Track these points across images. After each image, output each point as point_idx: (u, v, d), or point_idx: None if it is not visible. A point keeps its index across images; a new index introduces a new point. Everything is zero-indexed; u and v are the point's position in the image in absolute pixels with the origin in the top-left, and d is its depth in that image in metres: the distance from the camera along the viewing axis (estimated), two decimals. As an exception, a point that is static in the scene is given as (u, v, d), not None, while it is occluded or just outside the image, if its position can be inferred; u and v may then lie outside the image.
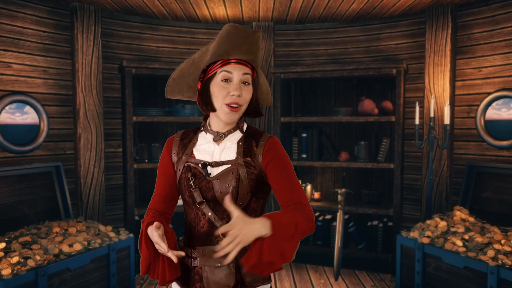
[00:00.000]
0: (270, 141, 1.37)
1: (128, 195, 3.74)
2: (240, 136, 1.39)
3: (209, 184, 1.33)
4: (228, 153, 1.36)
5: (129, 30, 4.02)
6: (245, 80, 1.32)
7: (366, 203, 3.99)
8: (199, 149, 1.39)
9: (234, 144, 1.38)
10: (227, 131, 1.38)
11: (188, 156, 1.39)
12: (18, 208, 3.17)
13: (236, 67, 1.31)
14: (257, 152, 1.35)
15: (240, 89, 1.30)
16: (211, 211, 1.33)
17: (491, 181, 3.38)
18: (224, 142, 1.38)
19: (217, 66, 1.32)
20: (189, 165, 1.37)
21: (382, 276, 3.77)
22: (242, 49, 1.30)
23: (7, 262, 2.49)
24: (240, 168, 1.33)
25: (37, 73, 3.50)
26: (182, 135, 1.45)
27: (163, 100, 4.21)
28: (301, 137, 4.09)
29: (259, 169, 1.34)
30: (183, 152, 1.40)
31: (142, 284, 3.60)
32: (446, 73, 3.65)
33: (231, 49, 1.29)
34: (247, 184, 1.32)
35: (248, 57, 1.32)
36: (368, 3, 3.61)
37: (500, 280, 2.54)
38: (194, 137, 1.43)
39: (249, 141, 1.38)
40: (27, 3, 3.42)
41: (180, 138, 1.44)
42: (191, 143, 1.41)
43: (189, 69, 1.38)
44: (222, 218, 1.33)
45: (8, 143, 3.28)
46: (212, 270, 1.34)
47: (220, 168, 1.34)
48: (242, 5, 3.68)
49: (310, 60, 4.31)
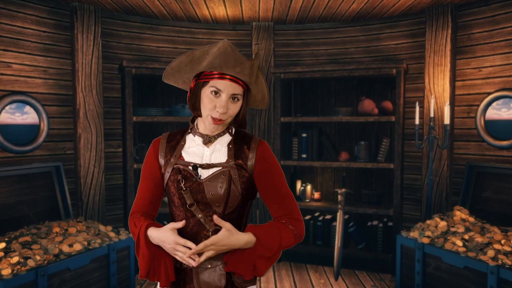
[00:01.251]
0: (261, 145, 1.39)
1: (128, 195, 3.74)
2: (229, 139, 1.40)
3: (200, 186, 1.34)
4: (218, 155, 1.37)
5: (129, 30, 4.02)
6: (235, 96, 1.32)
7: (366, 203, 3.99)
8: (188, 151, 1.40)
9: (224, 147, 1.39)
10: (217, 134, 1.39)
11: (177, 158, 1.38)
12: (18, 208, 3.17)
13: (228, 84, 1.30)
14: (249, 155, 1.37)
15: (226, 106, 1.31)
16: (201, 213, 1.34)
17: (491, 181, 3.38)
18: (213, 144, 1.39)
19: (211, 76, 1.32)
20: (179, 167, 1.36)
21: (382, 276, 3.77)
22: (236, 70, 1.30)
23: (7, 262, 2.49)
24: (232, 170, 1.34)
25: (37, 73, 3.50)
26: (169, 137, 1.45)
27: (163, 100, 4.21)
28: (301, 137, 4.09)
29: (251, 172, 1.36)
30: (171, 154, 1.40)
31: (142, 284, 3.60)
32: (446, 73, 3.65)
33: (225, 66, 1.29)
34: (239, 186, 1.34)
35: (241, 77, 1.31)
36: (368, 3, 3.61)
37: (500, 280, 2.54)
38: (182, 139, 1.42)
39: (239, 144, 1.39)
40: (27, 3, 3.42)
41: (167, 141, 1.43)
42: (179, 146, 1.41)
43: (187, 66, 1.37)
44: (212, 220, 1.34)
45: (8, 143, 3.28)
46: (203, 271, 1.34)
47: (211, 170, 1.35)
48: (242, 5, 3.68)
49: (310, 60, 4.31)
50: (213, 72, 1.31)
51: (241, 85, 1.33)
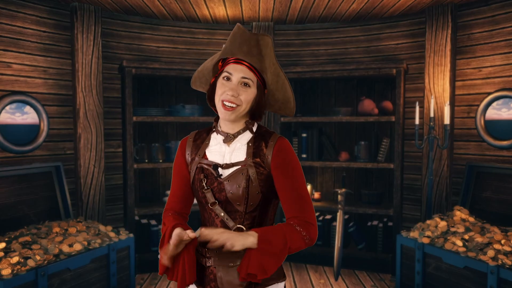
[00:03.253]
0: (279, 142, 1.37)
1: (128, 195, 3.74)
2: (250, 136, 1.40)
3: (221, 185, 1.35)
4: (238, 154, 1.38)
5: (129, 30, 4.02)
6: (245, 82, 1.33)
7: (366, 203, 3.99)
8: (211, 150, 1.41)
9: (244, 145, 1.39)
10: (237, 132, 1.39)
11: (201, 157, 1.41)
12: (18, 208, 3.17)
13: (237, 68, 1.32)
14: (267, 152, 1.36)
15: (236, 89, 1.32)
16: (224, 212, 1.35)
17: (491, 181, 3.38)
18: (234, 143, 1.39)
19: (225, 64, 1.35)
20: (202, 166, 1.39)
21: (382, 276, 3.77)
22: (243, 49, 1.31)
23: (7, 262, 2.49)
24: (250, 169, 1.34)
25: (37, 73, 3.50)
26: (195, 135, 1.47)
27: (163, 100, 4.21)
28: (301, 137, 4.09)
29: (269, 169, 1.36)
30: (196, 153, 1.42)
31: (142, 284, 3.60)
32: (446, 73, 3.65)
33: (234, 48, 1.32)
34: (257, 184, 1.33)
35: (249, 59, 1.32)
36: (368, 3, 3.61)
37: (500, 280, 2.54)
38: (207, 138, 1.45)
39: (259, 141, 1.39)
40: (27, 3, 3.42)
41: (193, 139, 1.46)
42: (203, 144, 1.43)
43: (208, 63, 1.43)
44: (234, 219, 1.35)
45: (8, 143, 3.28)
46: (225, 270, 1.35)
47: (230, 169, 1.36)
48: (242, 5, 3.68)
49: (310, 60, 4.31)
50: (226, 60, 1.35)
51: (253, 71, 1.33)
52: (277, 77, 1.39)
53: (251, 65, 1.33)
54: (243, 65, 1.32)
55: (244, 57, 1.32)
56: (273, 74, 1.38)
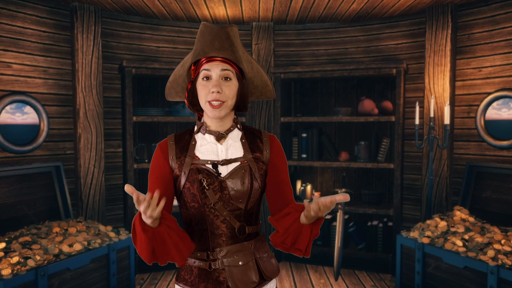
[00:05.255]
0: (271, 137, 1.43)
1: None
2: (240, 133, 1.40)
3: (222, 183, 1.32)
4: (234, 150, 1.37)
5: (129, 30, 4.02)
6: (225, 75, 1.31)
7: (366, 203, 3.99)
8: (201, 150, 1.37)
9: (237, 142, 1.38)
10: (227, 130, 1.38)
11: (192, 158, 1.35)
12: (18, 208, 3.17)
13: (214, 64, 1.31)
14: (264, 147, 1.39)
15: (219, 85, 1.30)
16: (226, 211, 1.32)
17: (491, 181, 3.38)
18: (226, 141, 1.38)
19: (199, 66, 1.33)
20: (197, 167, 1.33)
21: (382, 276, 3.77)
22: (215, 45, 1.30)
23: (7, 262, 2.49)
24: (251, 164, 1.35)
25: (37, 73, 3.50)
26: (176, 138, 1.40)
27: (163, 100, 4.21)
28: (301, 137, 4.09)
29: (267, 164, 1.39)
30: (184, 155, 1.35)
31: (142, 284, 3.60)
32: (446, 73, 3.65)
33: (206, 46, 1.30)
34: (259, 179, 1.35)
35: (224, 54, 1.31)
36: (368, 3, 3.61)
37: (500, 280, 2.54)
38: (192, 139, 1.39)
39: (251, 137, 1.40)
40: (27, 3, 3.42)
41: (175, 142, 1.38)
42: (190, 145, 1.37)
43: (179, 71, 1.39)
44: (236, 217, 1.33)
45: (8, 143, 3.28)
46: (237, 269, 1.33)
47: (230, 166, 1.34)
48: (242, 5, 3.68)
49: (310, 60, 4.31)
50: (199, 61, 1.33)
51: (229, 63, 1.32)
52: (251, 64, 1.38)
53: (227, 58, 1.32)
54: (218, 61, 1.31)
55: (218, 53, 1.30)
56: (247, 61, 1.37)
